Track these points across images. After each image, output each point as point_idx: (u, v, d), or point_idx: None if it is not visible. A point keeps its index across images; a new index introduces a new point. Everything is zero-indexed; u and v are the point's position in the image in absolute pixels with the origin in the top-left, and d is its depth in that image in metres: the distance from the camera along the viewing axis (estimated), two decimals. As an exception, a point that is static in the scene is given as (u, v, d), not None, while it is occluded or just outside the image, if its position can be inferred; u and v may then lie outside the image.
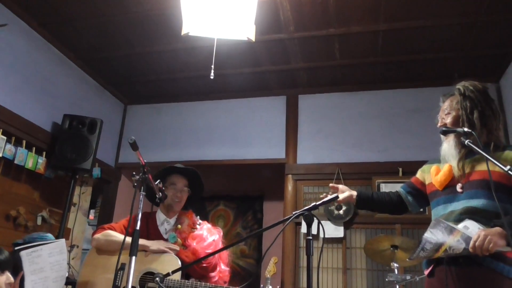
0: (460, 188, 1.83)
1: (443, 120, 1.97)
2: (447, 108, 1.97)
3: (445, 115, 1.97)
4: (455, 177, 1.87)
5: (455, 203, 1.83)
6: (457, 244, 1.63)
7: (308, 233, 1.65)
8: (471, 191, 1.80)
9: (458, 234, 1.62)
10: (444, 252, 1.66)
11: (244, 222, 5.82)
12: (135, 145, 1.87)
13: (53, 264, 2.20)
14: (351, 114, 4.38)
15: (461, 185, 1.84)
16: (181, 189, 2.65)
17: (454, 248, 1.64)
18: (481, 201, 1.75)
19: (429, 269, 1.87)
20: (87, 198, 4.62)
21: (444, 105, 2.00)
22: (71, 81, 4.23)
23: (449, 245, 1.63)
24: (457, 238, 1.62)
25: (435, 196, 1.94)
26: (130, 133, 4.99)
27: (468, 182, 1.82)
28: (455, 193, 1.85)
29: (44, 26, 3.76)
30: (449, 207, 1.84)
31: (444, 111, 1.99)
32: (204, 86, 4.66)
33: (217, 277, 2.53)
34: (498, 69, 3.95)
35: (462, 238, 1.62)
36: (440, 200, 1.90)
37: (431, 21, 3.41)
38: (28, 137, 3.59)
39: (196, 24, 2.55)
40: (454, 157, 1.87)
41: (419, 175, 2.12)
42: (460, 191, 1.83)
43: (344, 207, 3.99)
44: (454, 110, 1.94)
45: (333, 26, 3.56)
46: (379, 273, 3.81)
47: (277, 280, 4.11)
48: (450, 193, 1.87)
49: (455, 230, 1.62)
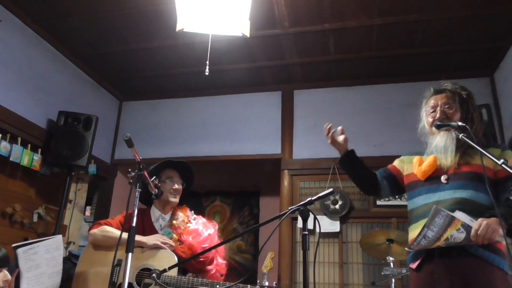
0: (445, 179, 1.87)
1: (448, 111, 1.97)
2: (448, 104, 1.98)
3: (447, 108, 1.97)
4: (440, 168, 1.91)
5: (440, 193, 1.85)
6: (458, 233, 1.64)
7: (304, 228, 1.66)
8: (458, 182, 1.84)
9: (459, 223, 1.64)
10: (446, 241, 1.67)
11: (240, 218, 5.83)
12: (130, 142, 1.87)
13: (49, 260, 2.20)
14: (346, 109, 4.39)
15: (447, 176, 1.88)
16: (177, 182, 2.66)
17: (455, 237, 1.65)
18: (469, 192, 1.80)
19: (417, 263, 1.86)
20: (83, 195, 4.62)
21: (441, 100, 2.01)
22: (66, 77, 4.21)
23: (450, 233, 1.65)
24: (457, 226, 1.64)
25: (416, 186, 1.97)
26: (125, 129, 4.98)
27: (456, 174, 1.86)
28: (439, 184, 1.88)
29: (38, 22, 3.74)
30: (432, 197, 1.87)
31: (442, 105, 1.99)
32: (199, 82, 4.65)
33: (214, 270, 2.54)
34: (492, 62, 3.97)
35: (462, 227, 1.64)
36: (422, 190, 1.93)
37: (425, 16, 3.42)
38: (23, 134, 3.58)
39: (191, 20, 2.55)
40: (448, 150, 1.89)
41: (397, 164, 2.16)
42: (445, 182, 1.87)
43: (340, 202, 4.01)
44: (456, 108, 1.97)
45: (328, 21, 3.56)
46: (375, 267, 3.84)
47: (273, 275, 4.14)
48: (434, 183, 1.90)
49: (455, 219, 1.64)
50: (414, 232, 1.85)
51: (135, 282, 2.34)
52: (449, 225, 1.64)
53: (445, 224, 1.63)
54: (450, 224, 1.64)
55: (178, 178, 2.69)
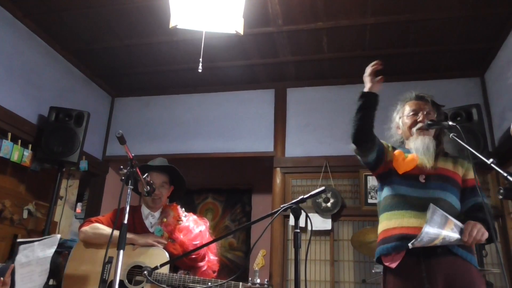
0: (423, 179, 1.92)
1: (429, 118, 2.02)
2: (429, 112, 2.05)
3: (428, 115, 2.03)
4: (419, 168, 1.94)
5: (419, 190, 1.89)
6: (452, 233, 1.69)
7: (296, 226, 1.67)
8: (435, 183, 1.89)
9: (452, 223, 1.68)
10: (442, 240, 1.69)
11: (232, 215, 5.84)
12: (122, 139, 1.86)
13: (40, 258, 2.20)
14: (338, 107, 4.41)
15: (424, 176, 1.92)
16: (159, 186, 2.61)
17: (451, 236, 1.69)
18: (446, 194, 1.87)
19: (396, 262, 1.81)
20: (74, 191, 4.58)
21: (423, 106, 2.07)
22: (57, 73, 4.17)
23: (446, 233, 1.68)
24: (451, 227, 1.68)
25: (390, 176, 1.98)
26: (117, 125, 4.95)
27: (433, 175, 1.91)
28: (417, 182, 1.91)
29: (29, 16, 3.70)
30: (412, 192, 1.89)
31: (424, 110, 2.05)
32: (192, 79, 4.64)
33: (205, 266, 2.54)
34: (483, 63, 4.01)
35: (455, 227, 1.69)
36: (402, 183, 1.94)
37: (417, 16, 3.44)
38: (13, 129, 3.54)
39: (184, 16, 2.54)
40: (429, 152, 1.93)
41: (385, 144, 2.10)
42: (423, 182, 1.91)
43: (331, 200, 4.03)
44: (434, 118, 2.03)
45: (321, 20, 3.57)
46: (366, 264, 3.87)
47: (265, 272, 4.14)
48: (411, 180, 1.93)
49: (448, 219, 1.68)
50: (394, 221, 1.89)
51: (126, 280, 2.33)
52: (444, 224, 1.67)
53: (441, 223, 1.67)
54: (445, 223, 1.67)
55: (161, 181, 2.63)
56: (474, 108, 3.50)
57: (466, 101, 3.72)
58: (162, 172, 2.66)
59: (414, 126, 2.03)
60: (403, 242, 1.78)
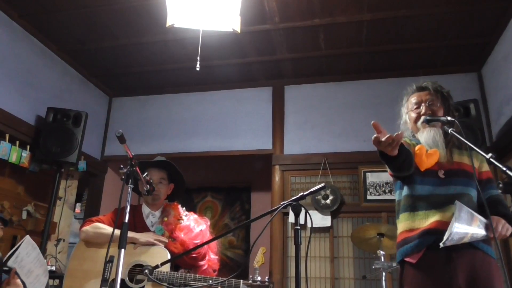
0: (442, 174, 1.88)
1: (433, 108, 1.98)
2: (432, 100, 2.00)
3: (431, 105, 1.99)
4: (439, 163, 1.90)
5: (441, 187, 1.85)
6: (479, 229, 1.69)
7: (296, 223, 1.67)
8: (455, 178, 1.86)
9: (477, 220, 1.69)
10: (470, 238, 1.69)
11: (232, 213, 5.84)
12: (122, 138, 1.85)
13: (34, 261, 2.22)
14: (336, 104, 4.41)
15: (443, 171, 1.88)
16: (157, 182, 2.61)
17: (478, 234, 1.69)
18: (465, 189, 1.84)
19: (417, 257, 1.78)
20: (73, 192, 4.58)
21: (424, 96, 2.02)
22: (55, 73, 4.16)
23: (474, 230, 1.68)
24: (477, 223, 1.68)
25: (412, 175, 1.90)
26: (115, 125, 4.95)
27: (451, 170, 1.88)
28: (437, 178, 1.87)
29: (25, 17, 3.68)
30: (434, 191, 1.85)
31: (426, 102, 2.00)
32: (190, 77, 4.63)
33: (206, 265, 2.54)
34: (480, 58, 4.02)
35: (480, 223, 1.70)
36: (424, 181, 1.88)
37: (414, 11, 3.44)
38: (11, 130, 3.53)
39: (181, 15, 2.54)
40: (438, 145, 1.90)
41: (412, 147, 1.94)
42: (442, 177, 1.87)
43: (331, 197, 4.04)
44: (439, 105, 1.99)
45: (318, 17, 3.57)
46: (366, 260, 3.88)
47: (265, 270, 4.15)
48: (431, 177, 1.88)
49: (474, 216, 1.68)
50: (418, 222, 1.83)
51: (128, 278, 2.33)
52: (471, 220, 1.67)
53: (468, 220, 1.66)
54: (472, 219, 1.67)
55: (159, 178, 2.62)
56: (472, 103, 3.51)
57: (463, 96, 3.74)
58: (159, 168, 2.67)
59: (419, 121, 1.99)
60: (425, 238, 1.78)
